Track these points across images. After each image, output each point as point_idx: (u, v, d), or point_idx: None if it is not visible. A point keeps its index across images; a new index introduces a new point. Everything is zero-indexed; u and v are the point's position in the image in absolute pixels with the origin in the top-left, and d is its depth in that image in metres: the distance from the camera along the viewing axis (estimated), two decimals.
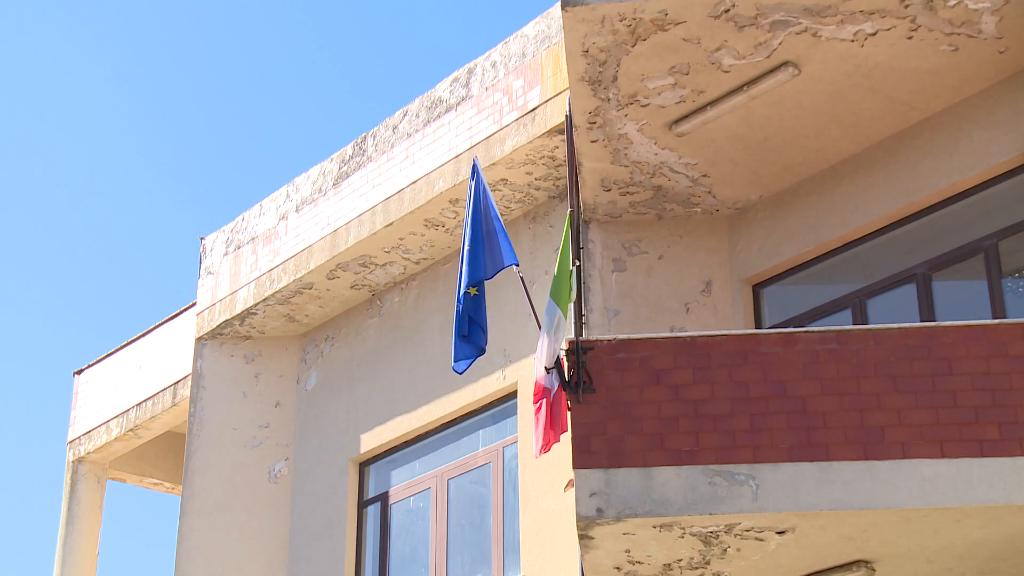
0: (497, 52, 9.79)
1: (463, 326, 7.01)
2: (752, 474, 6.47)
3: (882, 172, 8.21)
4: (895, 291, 8.16)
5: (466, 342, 7.02)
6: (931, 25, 7.28)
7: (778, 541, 6.65)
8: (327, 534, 10.43)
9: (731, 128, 8.10)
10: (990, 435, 6.38)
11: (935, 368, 6.57)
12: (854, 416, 6.54)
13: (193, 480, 10.91)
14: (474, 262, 6.99)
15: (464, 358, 7.05)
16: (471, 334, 7.03)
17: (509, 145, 9.26)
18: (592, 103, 7.92)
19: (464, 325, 7.01)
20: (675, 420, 6.65)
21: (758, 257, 8.72)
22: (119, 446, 12.89)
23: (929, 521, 6.41)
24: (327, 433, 10.75)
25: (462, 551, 9.71)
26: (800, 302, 8.59)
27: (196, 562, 10.67)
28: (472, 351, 7.05)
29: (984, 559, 6.78)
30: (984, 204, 7.89)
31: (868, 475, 6.39)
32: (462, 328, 7.01)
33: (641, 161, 8.41)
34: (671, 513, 6.46)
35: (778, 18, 7.25)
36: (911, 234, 8.18)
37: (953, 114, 7.95)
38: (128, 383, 12.81)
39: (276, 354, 11.32)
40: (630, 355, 6.80)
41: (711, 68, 7.64)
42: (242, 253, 11.31)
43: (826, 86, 7.75)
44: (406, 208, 9.87)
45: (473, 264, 6.98)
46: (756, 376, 6.69)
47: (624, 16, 7.29)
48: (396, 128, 10.35)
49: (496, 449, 9.63)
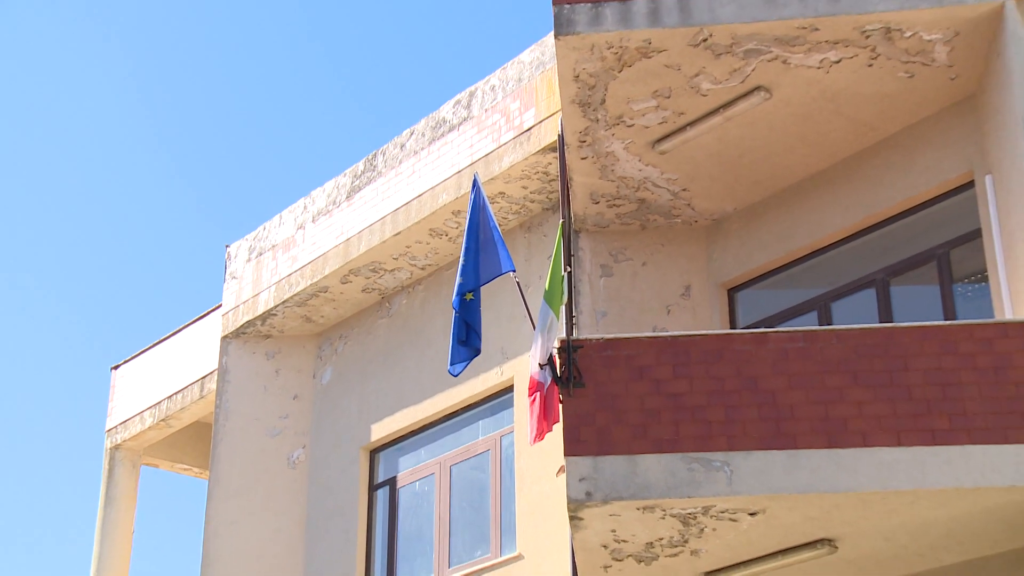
0: (496, 77, 9.80)
1: (461, 331, 6.98)
2: (727, 461, 6.45)
3: (845, 187, 8.21)
4: (857, 295, 8.17)
5: (463, 346, 6.99)
6: (889, 54, 7.32)
7: (750, 521, 6.63)
8: (341, 515, 10.41)
9: (708, 146, 8.11)
10: (941, 425, 6.36)
11: (892, 365, 6.55)
12: (819, 408, 6.51)
13: (219, 466, 10.91)
14: (469, 270, 6.97)
15: (460, 361, 7.02)
16: (468, 338, 7.00)
17: (507, 162, 9.30)
18: (582, 123, 7.93)
19: (462, 330, 6.98)
20: (657, 412, 6.62)
21: (733, 264, 8.71)
22: (152, 435, 12.87)
23: (886, 503, 6.40)
24: (341, 423, 10.74)
25: (463, 530, 9.69)
26: (771, 305, 8.59)
27: (222, 540, 10.65)
28: (468, 354, 7.02)
29: (935, 537, 6.77)
30: (936, 216, 7.90)
31: (831, 462, 6.37)
32: (460, 333, 6.98)
33: (627, 176, 8.43)
34: (653, 496, 6.45)
35: (751, 47, 7.28)
36: (871, 243, 8.19)
37: (909, 135, 7.96)
38: (160, 377, 12.79)
39: (294, 351, 11.30)
40: (616, 353, 6.77)
41: (690, 92, 7.66)
42: (263, 260, 11.30)
43: (794, 109, 7.77)
44: (413, 219, 9.88)
45: (468, 272, 6.96)
46: (730, 372, 6.66)
47: (612, 45, 7.31)
48: (404, 146, 10.37)
49: (494, 438, 9.62)
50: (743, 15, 7.15)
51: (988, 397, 6.39)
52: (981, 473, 6.24)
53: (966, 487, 6.23)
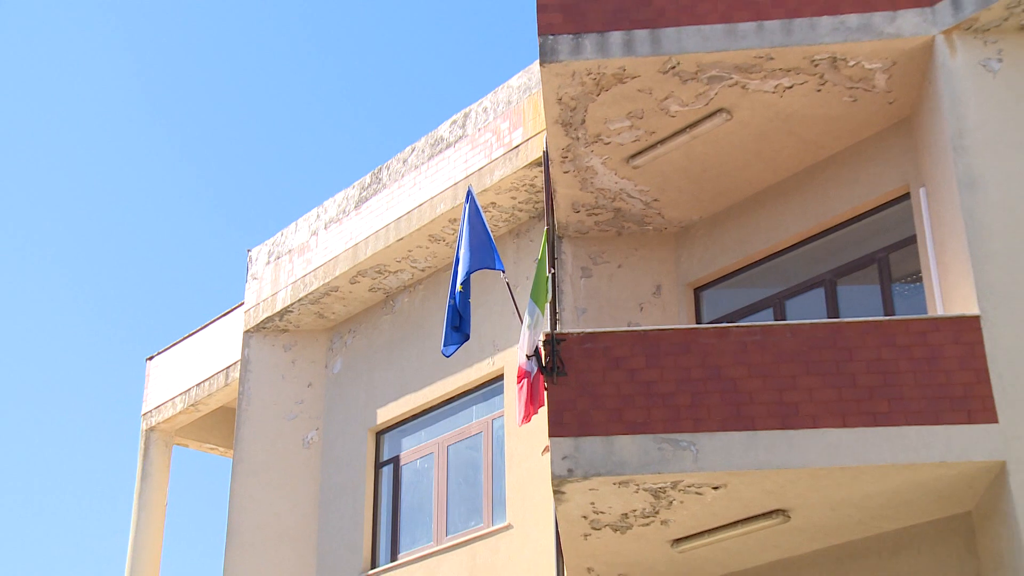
0: (488, 99, 9.78)
1: (455, 318, 6.98)
2: (693, 441, 6.48)
3: (797, 198, 8.21)
4: (807, 294, 8.15)
5: (455, 331, 6.98)
6: (835, 81, 7.35)
7: (713, 495, 6.67)
8: (350, 490, 10.40)
9: (676, 162, 8.11)
10: (881, 409, 6.40)
11: (839, 355, 6.57)
12: (774, 394, 6.54)
13: (242, 446, 10.88)
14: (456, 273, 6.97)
15: (452, 344, 7.02)
16: (461, 325, 6.99)
17: (497, 175, 9.27)
18: (565, 141, 7.93)
19: (456, 317, 6.99)
20: (631, 398, 6.64)
21: (698, 266, 8.69)
22: (182, 418, 12.80)
23: (833, 478, 6.44)
24: (350, 408, 10.72)
25: (459, 503, 9.68)
26: (732, 302, 8.56)
27: (245, 512, 10.62)
28: (459, 338, 7.02)
29: (875, 507, 6.80)
30: (877, 224, 7.90)
31: (785, 441, 6.41)
32: (454, 320, 6.98)
33: (604, 188, 8.42)
34: (627, 472, 6.48)
35: (714, 74, 7.30)
36: (820, 248, 8.18)
37: (853, 152, 7.97)
38: (189, 367, 12.73)
39: (308, 344, 11.25)
40: (595, 345, 6.78)
41: (660, 113, 7.66)
42: (281, 262, 11.26)
43: (752, 128, 7.78)
44: (414, 226, 9.85)
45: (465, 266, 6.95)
46: (696, 362, 6.68)
47: (591, 71, 7.32)
48: (406, 161, 10.34)
49: (486, 421, 9.61)
50: (707, 46, 7.16)
51: (922, 384, 6.43)
52: (915, 451, 6.28)
53: (902, 463, 6.27)
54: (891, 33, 7.01)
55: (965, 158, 6.70)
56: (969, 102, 6.81)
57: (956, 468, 6.29)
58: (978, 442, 6.24)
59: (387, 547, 10.10)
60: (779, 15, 7.14)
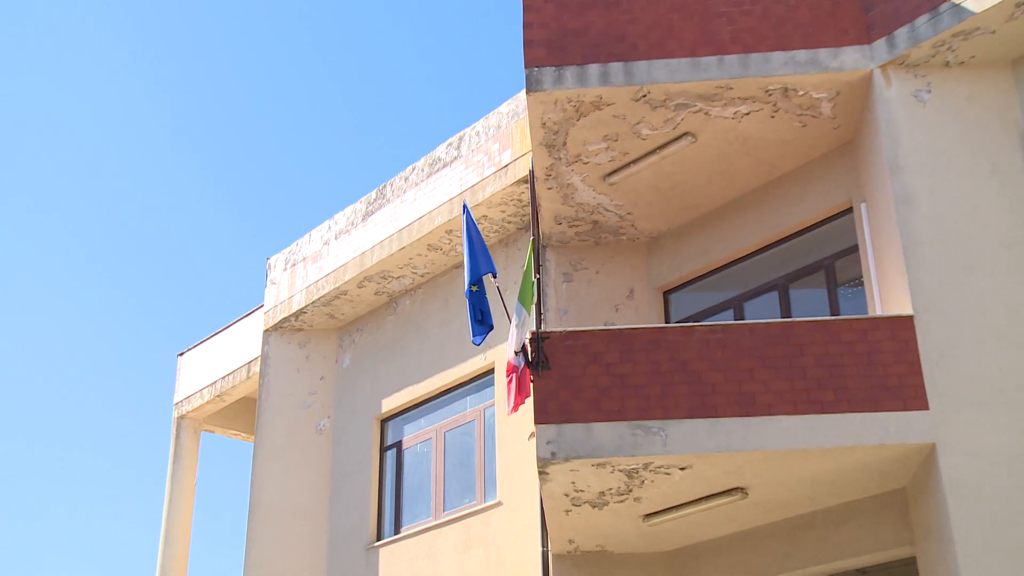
0: (480, 124, 9.77)
1: (476, 313, 6.94)
2: (662, 427, 6.48)
3: (753, 211, 8.24)
4: (763, 296, 8.17)
5: (479, 324, 6.95)
6: (787, 108, 7.37)
7: (680, 475, 6.69)
8: (358, 471, 10.39)
9: (647, 179, 8.11)
10: (828, 398, 6.41)
11: (790, 351, 6.57)
12: (734, 386, 6.54)
13: (262, 432, 10.86)
14: (472, 270, 6.95)
15: (479, 334, 6.98)
16: (483, 318, 6.95)
17: (488, 191, 9.27)
18: (548, 161, 7.92)
19: (477, 312, 6.95)
20: (607, 389, 6.63)
21: (667, 272, 8.69)
22: (210, 407, 12.76)
23: (786, 459, 6.47)
24: (357, 398, 10.71)
25: (454, 482, 9.68)
26: (697, 304, 8.57)
27: (265, 491, 10.60)
28: (483, 329, 6.99)
29: (822, 484, 6.85)
30: (823, 235, 7.92)
31: (744, 427, 6.42)
32: (475, 315, 6.94)
33: (583, 203, 8.41)
34: (604, 455, 6.49)
35: (680, 101, 7.31)
36: (774, 256, 8.20)
37: (802, 171, 7.99)
38: (216, 362, 12.70)
39: (321, 342, 11.23)
40: (575, 343, 6.77)
41: (633, 136, 7.66)
42: (296, 269, 11.25)
43: (714, 150, 7.78)
44: (414, 236, 9.84)
45: (472, 271, 6.95)
46: (665, 357, 6.67)
47: (571, 99, 7.32)
48: (407, 179, 10.32)
49: (479, 410, 9.62)
50: (673, 77, 7.16)
51: (863, 376, 6.42)
52: (857, 435, 6.29)
53: (846, 446, 6.30)
54: (835, 67, 7.04)
55: (900, 177, 6.73)
56: (903, 128, 6.84)
57: (892, 450, 6.33)
58: (911, 427, 6.27)
59: (391, 521, 10.10)
60: (737, 50, 7.16)
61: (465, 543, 9.13)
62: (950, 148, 6.79)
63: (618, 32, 7.35)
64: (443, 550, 9.31)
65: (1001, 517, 6.02)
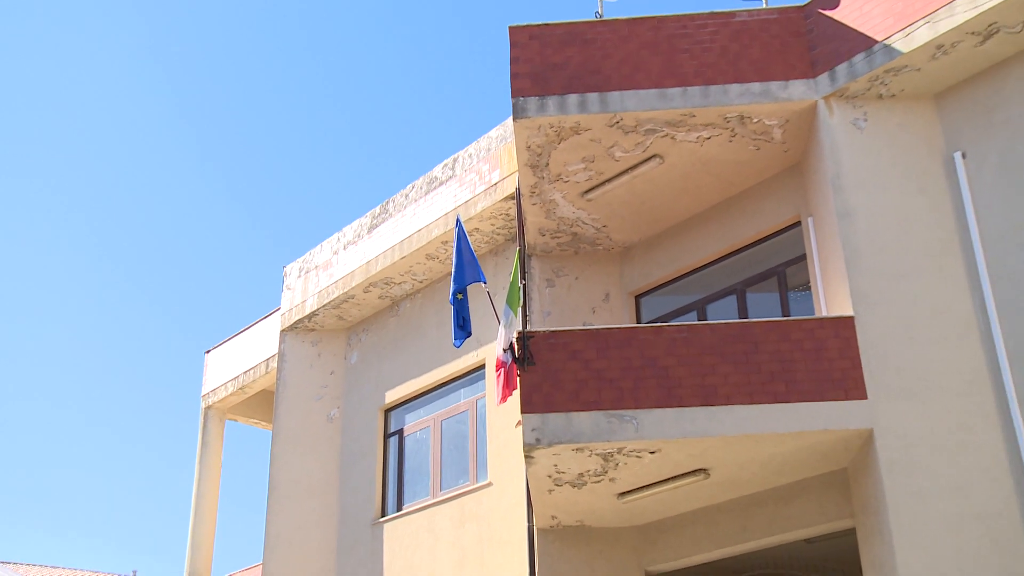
0: (472, 147, 9.75)
1: (458, 320, 6.97)
2: (634, 416, 6.50)
3: (715, 224, 8.28)
4: (723, 300, 8.20)
5: (461, 329, 6.98)
6: (743, 133, 7.42)
7: (650, 458, 6.73)
8: (364, 455, 10.38)
9: (621, 196, 8.15)
10: (780, 390, 6.45)
11: (747, 348, 6.60)
12: (697, 379, 6.55)
13: (279, 421, 10.85)
14: (458, 279, 6.96)
15: (459, 338, 7.01)
16: (464, 324, 6.98)
17: (480, 207, 9.27)
18: (533, 180, 7.94)
19: (459, 318, 6.97)
20: (585, 382, 6.64)
21: (638, 278, 8.72)
22: (233, 398, 12.74)
23: (743, 444, 6.53)
24: (364, 391, 10.69)
25: (450, 465, 9.67)
26: (664, 306, 8.59)
27: (282, 473, 10.58)
28: (464, 334, 7.02)
29: (774, 465, 6.92)
30: (776, 245, 7.98)
31: (706, 416, 6.44)
32: (458, 321, 6.96)
33: (564, 217, 8.42)
34: (583, 441, 6.50)
35: (649, 127, 7.35)
36: (733, 264, 8.24)
37: (757, 189, 8.05)
38: (238, 358, 12.71)
39: (331, 340, 11.19)
40: (557, 341, 6.78)
41: (608, 158, 7.69)
42: (309, 276, 11.19)
43: (679, 170, 7.83)
44: (414, 247, 9.85)
45: (457, 280, 6.96)
46: (636, 354, 6.68)
47: (553, 125, 7.36)
48: (407, 195, 10.30)
49: (472, 401, 9.60)
50: (643, 105, 7.20)
51: (810, 370, 6.44)
52: (805, 421, 6.34)
53: (795, 431, 6.35)
54: (784, 98, 7.11)
55: (841, 194, 6.79)
56: (843, 151, 6.90)
57: (835, 435, 6.38)
58: (852, 414, 6.31)
59: (394, 500, 10.10)
60: (699, 83, 7.20)
61: (460, 519, 9.12)
62: (884, 170, 6.85)
63: (594, 66, 7.37)
64: (440, 525, 9.31)
65: (929, 493, 6.09)
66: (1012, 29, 6.47)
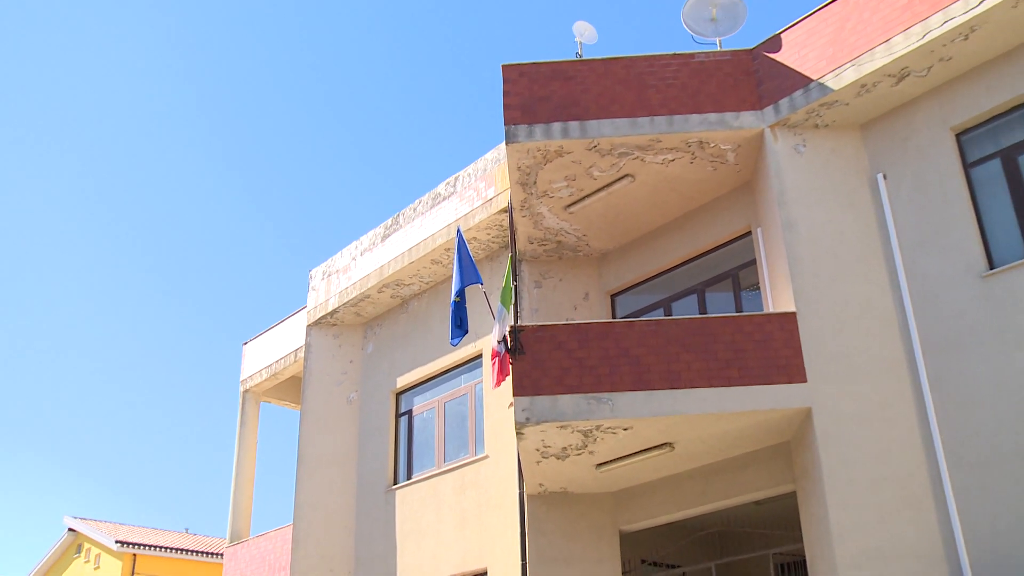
0: (471, 167, 9.77)
1: (456, 320, 7.00)
2: (610, 398, 6.54)
3: (679, 233, 8.31)
4: (686, 298, 8.23)
5: (459, 328, 7.02)
6: (702, 156, 7.50)
7: (623, 434, 6.77)
8: (379, 432, 10.42)
9: (598, 209, 8.17)
10: (734, 375, 6.49)
11: (706, 340, 6.62)
12: (664, 366, 6.58)
13: (306, 403, 10.83)
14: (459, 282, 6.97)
15: (456, 337, 7.03)
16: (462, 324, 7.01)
17: (477, 219, 9.32)
18: (523, 196, 7.97)
19: (457, 319, 7.00)
20: (568, 369, 6.66)
21: (614, 280, 8.73)
22: (267, 384, 12.74)
23: (702, 421, 6.59)
24: (378, 377, 10.71)
25: (452, 441, 9.68)
26: (636, 304, 8.61)
27: (309, 447, 10.63)
28: (461, 333, 7.04)
29: (729, 439, 7.01)
30: (730, 252, 8.03)
31: (671, 398, 6.48)
32: (455, 321, 6.99)
33: (550, 227, 8.44)
34: (566, 419, 6.54)
35: (622, 151, 7.40)
36: (694, 267, 8.27)
37: (714, 203, 8.09)
38: (271, 349, 12.71)
39: (350, 334, 11.18)
40: (544, 334, 6.80)
41: (587, 176, 7.70)
42: (331, 278, 11.19)
43: (649, 187, 7.87)
44: (421, 253, 9.88)
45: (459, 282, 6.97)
46: (612, 345, 6.69)
47: (540, 149, 7.40)
48: (415, 209, 10.32)
49: (471, 385, 9.64)
50: (617, 132, 7.24)
51: (759, 358, 6.51)
52: (755, 402, 6.43)
53: (747, 410, 6.43)
54: (736, 126, 7.20)
55: (785, 208, 6.89)
56: (786, 172, 7.00)
57: (781, 413, 6.48)
58: (794, 395, 6.41)
59: (404, 470, 10.14)
60: (664, 113, 7.25)
61: (460, 486, 9.19)
62: (820, 187, 6.96)
63: (574, 99, 7.39)
64: (444, 492, 9.36)
65: (856, 460, 6.23)
66: (920, 73, 6.64)
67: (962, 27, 6.25)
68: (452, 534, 9.09)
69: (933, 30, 6.32)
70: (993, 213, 6.42)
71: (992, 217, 6.42)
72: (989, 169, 6.51)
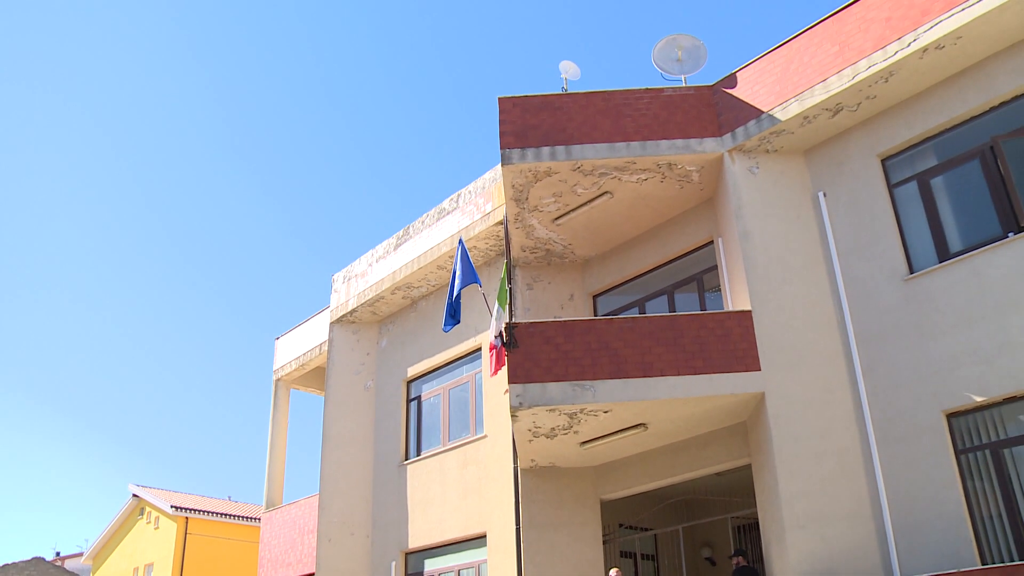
0: (472, 185, 9.78)
1: (449, 311, 7.08)
2: (592, 385, 6.56)
3: (651, 243, 8.35)
4: (658, 298, 8.26)
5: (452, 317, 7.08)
6: (671, 176, 7.58)
7: (604, 416, 6.81)
8: (392, 416, 10.42)
9: (582, 222, 8.19)
10: (699, 365, 6.54)
11: (675, 334, 6.67)
12: (639, 357, 6.60)
13: (330, 390, 10.80)
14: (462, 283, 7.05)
15: (448, 325, 7.09)
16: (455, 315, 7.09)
17: (477, 230, 9.33)
18: (516, 210, 7.99)
19: (450, 311, 7.07)
20: (556, 360, 6.68)
21: (595, 282, 8.74)
22: (296, 372, 12.66)
23: (672, 405, 6.64)
24: (392, 367, 10.68)
25: (456, 422, 9.69)
26: (615, 303, 8.62)
27: (332, 429, 10.55)
28: (453, 323, 7.10)
29: (695, 420, 7.06)
30: (695, 258, 8.09)
31: (645, 385, 6.52)
32: (449, 312, 7.07)
33: (540, 237, 8.46)
34: (554, 404, 6.58)
35: (602, 171, 7.45)
36: (664, 271, 8.30)
37: (681, 216, 8.14)
38: (300, 343, 12.67)
39: (366, 330, 11.14)
40: (535, 330, 6.82)
41: (572, 193, 7.72)
42: (351, 282, 11.15)
43: (626, 203, 7.90)
44: (428, 260, 9.89)
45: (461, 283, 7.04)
46: (594, 339, 6.70)
47: (531, 170, 7.46)
48: (423, 222, 10.30)
49: (472, 374, 9.65)
50: (597, 155, 7.29)
51: (720, 350, 6.57)
52: (717, 388, 6.49)
53: (710, 395, 6.50)
54: (700, 150, 7.29)
55: (742, 221, 6.97)
56: (743, 190, 7.08)
57: (738, 397, 6.55)
58: (750, 382, 6.49)
59: (414, 447, 10.14)
60: (638, 138, 7.31)
61: (463, 462, 9.24)
62: (771, 203, 7.05)
63: (561, 126, 7.45)
64: (448, 467, 9.41)
65: (802, 436, 6.34)
66: (852, 108, 6.77)
67: (882, 71, 6.41)
68: (456, 503, 9.16)
69: (860, 73, 6.49)
70: (912, 226, 6.57)
71: (911, 229, 6.57)
72: (908, 190, 6.66)
